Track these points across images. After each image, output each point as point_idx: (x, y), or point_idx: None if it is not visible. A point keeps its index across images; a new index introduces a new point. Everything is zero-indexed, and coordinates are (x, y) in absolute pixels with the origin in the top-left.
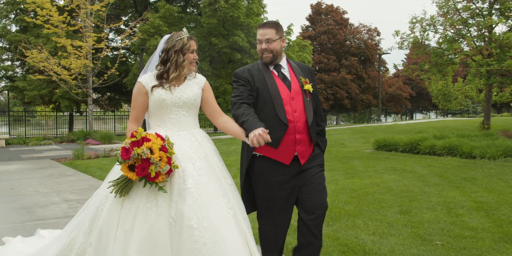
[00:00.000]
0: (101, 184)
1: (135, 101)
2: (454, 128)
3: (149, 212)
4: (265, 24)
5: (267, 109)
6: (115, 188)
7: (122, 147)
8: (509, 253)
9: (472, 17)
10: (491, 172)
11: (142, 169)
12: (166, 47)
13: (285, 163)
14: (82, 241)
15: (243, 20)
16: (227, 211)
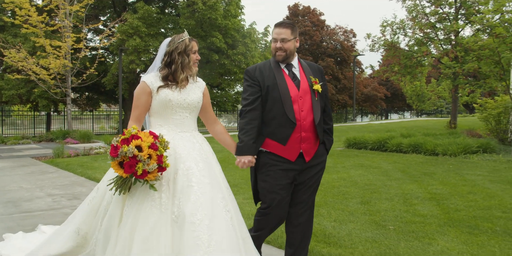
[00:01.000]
0: (83, 180)
1: (138, 100)
2: (423, 127)
3: (153, 210)
4: (282, 23)
5: (276, 107)
6: (114, 186)
7: (111, 144)
8: (450, 234)
9: (439, 21)
10: (450, 167)
11: (129, 167)
12: (169, 50)
13: (291, 160)
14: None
15: (220, 21)
16: (225, 213)
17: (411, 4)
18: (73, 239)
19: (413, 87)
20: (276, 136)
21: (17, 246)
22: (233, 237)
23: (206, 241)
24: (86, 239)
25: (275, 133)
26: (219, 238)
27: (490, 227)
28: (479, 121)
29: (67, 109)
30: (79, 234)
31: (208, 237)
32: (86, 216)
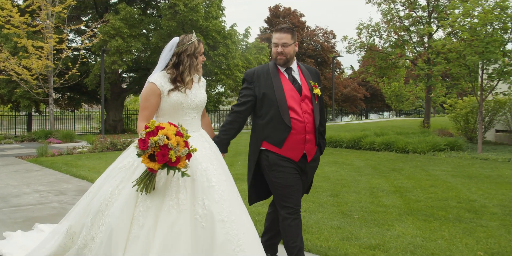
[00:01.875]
0: (68, 177)
1: (147, 101)
2: (399, 127)
3: (170, 210)
4: (282, 28)
5: (272, 111)
6: (139, 186)
7: (138, 138)
8: (407, 222)
9: (413, 24)
10: (417, 163)
11: (162, 156)
12: (178, 51)
13: (295, 160)
14: (84, 234)
15: (201, 23)
16: (243, 205)
17: (385, 8)
18: (62, 239)
19: (391, 87)
20: (272, 139)
21: (18, 244)
22: (252, 227)
23: (236, 236)
24: (72, 240)
25: (271, 137)
26: (246, 231)
27: (444, 215)
28: (449, 121)
29: (50, 109)
30: (68, 232)
31: (236, 231)
32: (81, 213)
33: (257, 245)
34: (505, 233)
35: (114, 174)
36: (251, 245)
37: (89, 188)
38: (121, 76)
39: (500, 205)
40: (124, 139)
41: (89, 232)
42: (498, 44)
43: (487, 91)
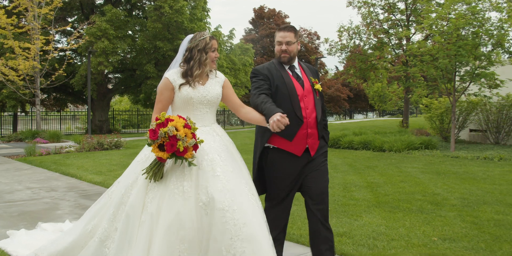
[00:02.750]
0: (57, 175)
1: (161, 95)
2: (379, 126)
3: (176, 197)
4: (286, 27)
5: (284, 105)
6: (149, 174)
7: (149, 129)
8: (374, 213)
9: (392, 27)
10: (392, 161)
11: (171, 146)
12: (190, 46)
13: (297, 155)
14: (106, 227)
15: (187, 25)
16: (250, 196)
17: (365, 11)
18: (81, 236)
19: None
20: (283, 132)
21: (22, 243)
22: (260, 218)
23: (235, 225)
24: (91, 236)
25: (283, 130)
26: (247, 221)
27: (408, 207)
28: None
29: (36, 109)
30: (90, 231)
31: (236, 221)
32: (103, 210)
33: (260, 237)
34: (460, 221)
35: (133, 168)
36: (252, 237)
37: (111, 188)
38: (107, 76)
39: (460, 198)
40: (111, 139)
41: (112, 224)
42: (470, 48)
43: (460, 92)
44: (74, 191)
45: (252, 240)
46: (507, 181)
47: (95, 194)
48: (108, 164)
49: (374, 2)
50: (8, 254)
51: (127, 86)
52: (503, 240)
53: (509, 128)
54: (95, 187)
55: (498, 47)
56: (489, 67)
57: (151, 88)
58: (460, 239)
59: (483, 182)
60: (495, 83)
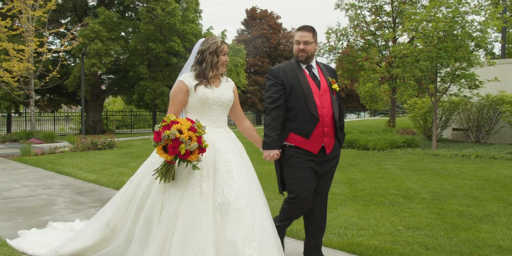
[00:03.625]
0: (53, 174)
1: (175, 98)
2: (367, 126)
3: (194, 198)
4: (304, 27)
5: (300, 104)
6: (159, 175)
7: (154, 131)
8: (349, 206)
9: (379, 29)
10: (374, 159)
11: (173, 148)
12: (202, 49)
13: (313, 152)
14: (130, 227)
15: (179, 26)
16: (261, 200)
17: (352, 14)
18: (101, 232)
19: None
20: (301, 130)
21: (35, 241)
22: (269, 221)
23: (250, 225)
24: (114, 232)
25: (300, 128)
26: (260, 222)
27: (381, 200)
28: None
29: (31, 110)
30: (108, 226)
31: (252, 221)
32: (118, 208)
33: (272, 238)
34: (426, 213)
35: (150, 169)
36: (265, 236)
37: (124, 186)
38: (101, 77)
39: (431, 192)
40: (104, 139)
41: (134, 225)
42: (450, 50)
43: (441, 92)
44: (69, 188)
45: (264, 240)
46: (477, 177)
47: (89, 191)
48: (101, 163)
49: (361, 4)
50: (24, 252)
51: (120, 87)
52: (461, 228)
53: (489, 127)
54: (89, 184)
55: (478, 49)
56: (469, 68)
57: (143, 89)
58: (423, 228)
59: (456, 177)
60: (475, 84)
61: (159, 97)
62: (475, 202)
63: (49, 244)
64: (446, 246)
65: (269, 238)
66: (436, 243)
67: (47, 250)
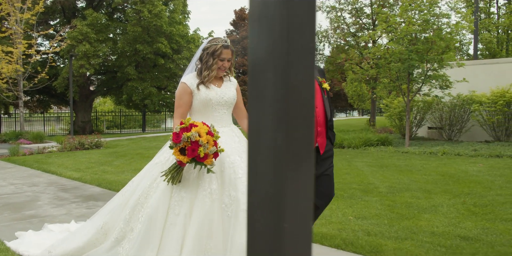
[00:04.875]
0: (39, 172)
1: (180, 100)
2: (348, 125)
3: (205, 199)
4: None
5: None
6: (167, 176)
7: (173, 132)
8: None
9: (359, 31)
10: (346, 156)
11: (192, 151)
12: (205, 47)
13: None
14: (122, 226)
15: (166, 28)
16: None
17: (333, 16)
18: (94, 233)
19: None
20: None
21: (34, 243)
22: None
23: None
24: (106, 235)
25: None
26: None
27: (341, 194)
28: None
29: (20, 111)
30: (102, 228)
31: None
32: (115, 209)
33: None
34: (379, 205)
35: (151, 169)
36: None
37: (124, 187)
38: (90, 78)
39: (388, 186)
40: (91, 139)
41: (127, 225)
42: (422, 51)
43: (414, 92)
44: (54, 186)
45: None
46: (436, 172)
47: (73, 188)
48: (87, 162)
49: (342, 7)
50: (20, 254)
51: (109, 88)
52: (405, 217)
53: (461, 126)
54: (73, 182)
55: (449, 50)
56: (440, 69)
57: (132, 89)
58: (371, 218)
59: (417, 173)
60: (446, 84)
61: (148, 97)
62: (425, 195)
63: (46, 245)
64: (386, 232)
65: None
66: (378, 230)
67: (41, 250)
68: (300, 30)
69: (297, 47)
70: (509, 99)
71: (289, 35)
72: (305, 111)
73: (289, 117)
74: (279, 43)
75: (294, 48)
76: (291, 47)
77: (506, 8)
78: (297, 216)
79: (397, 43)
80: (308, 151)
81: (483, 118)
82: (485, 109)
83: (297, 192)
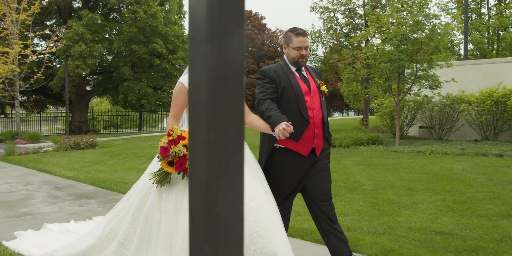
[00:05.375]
0: (34, 171)
1: (176, 99)
2: (342, 124)
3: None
4: (304, 32)
5: (291, 106)
6: (155, 179)
7: (160, 146)
8: (296, 196)
9: (352, 31)
10: (336, 156)
11: (180, 165)
12: None
13: (304, 155)
14: (125, 229)
15: (161, 29)
16: (265, 195)
17: (326, 17)
18: (99, 238)
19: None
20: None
21: (33, 243)
22: (275, 214)
23: (253, 222)
24: (111, 239)
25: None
26: (265, 217)
27: None
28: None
29: (16, 111)
30: (109, 233)
31: (254, 218)
32: (121, 214)
33: (278, 232)
34: (362, 202)
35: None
36: (270, 232)
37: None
38: (86, 79)
39: (373, 184)
40: (87, 139)
41: (131, 226)
42: (411, 52)
43: (404, 92)
44: (48, 184)
45: (270, 235)
46: (422, 170)
47: (66, 186)
48: (81, 161)
49: (335, 7)
50: (20, 253)
51: (105, 88)
52: (385, 214)
53: (450, 125)
54: (67, 181)
55: (438, 51)
56: (429, 69)
57: (127, 89)
58: (353, 214)
59: (403, 171)
60: (435, 84)
61: (144, 97)
62: (408, 192)
63: (46, 246)
64: (365, 228)
65: (275, 231)
66: (358, 225)
67: (44, 252)
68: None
69: (226, 59)
70: (496, 99)
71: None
72: (235, 112)
73: (220, 118)
74: (210, 51)
75: (223, 60)
76: (220, 59)
77: (496, 9)
78: (228, 200)
79: (388, 44)
80: (238, 145)
81: (472, 118)
82: (473, 109)
83: (227, 181)
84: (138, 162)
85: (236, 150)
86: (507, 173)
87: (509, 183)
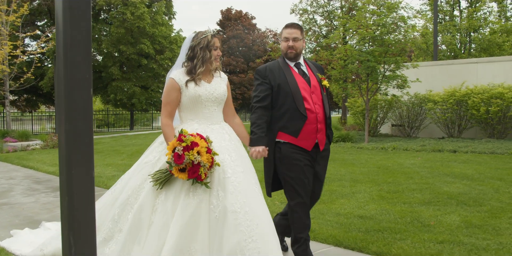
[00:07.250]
0: (18, 167)
1: (168, 97)
2: None
3: (190, 201)
4: (292, 24)
5: (288, 102)
6: (158, 182)
7: (174, 153)
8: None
9: (330, 32)
10: None
11: (193, 172)
12: (192, 45)
13: (307, 149)
14: (111, 227)
15: (148, 29)
16: (261, 196)
17: (305, 19)
18: None
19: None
20: (288, 129)
21: (28, 241)
22: (269, 218)
23: (248, 227)
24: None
25: (287, 127)
26: (259, 222)
27: None
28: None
29: (6, 110)
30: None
31: (249, 222)
32: (104, 207)
33: (272, 237)
34: None
35: (140, 169)
36: (264, 237)
37: (113, 186)
38: None
39: (327, 178)
40: None
41: (116, 225)
42: (377, 54)
43: (372, 92)
44: (29, 179)
45: (264, 240)
46: (375, 165)
47: (46, 180)
48: None
49: (313, 9)
50: (12, 252)
51: (95, 87)
52: (322, 202)
53: (419, 123)
54: (48, 175)
55: (405, 52)
56: (397, 70)
57: (116, 89)
58: None
59: (358, 166)
60: (402, 84)
61: (133, 96)
62: (351, 184)
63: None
64: None
65: (269, 236)
66: None
67: (33, 248)
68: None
69: (74, 61)
70: (458, 98)
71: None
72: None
73: (70, 116)
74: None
75: (71, 62)
76: (69, 61)
77: (467, 11)
78: (80, 182)
79: (356, 45)
80: (87, 141)
81: (436, 116)
82: (438, 107)
83: (80, 171)
84: (117, 159)
85: (87, 145)
86: (449, 167)
87: (447, 175)
